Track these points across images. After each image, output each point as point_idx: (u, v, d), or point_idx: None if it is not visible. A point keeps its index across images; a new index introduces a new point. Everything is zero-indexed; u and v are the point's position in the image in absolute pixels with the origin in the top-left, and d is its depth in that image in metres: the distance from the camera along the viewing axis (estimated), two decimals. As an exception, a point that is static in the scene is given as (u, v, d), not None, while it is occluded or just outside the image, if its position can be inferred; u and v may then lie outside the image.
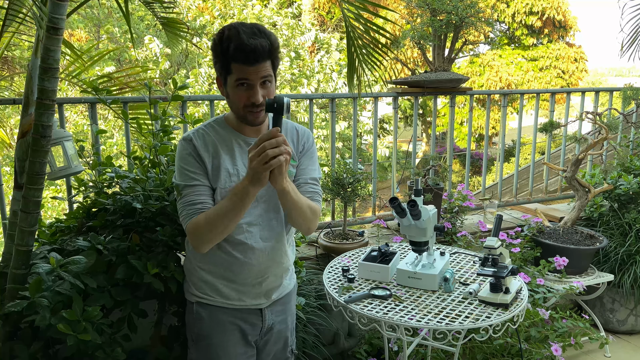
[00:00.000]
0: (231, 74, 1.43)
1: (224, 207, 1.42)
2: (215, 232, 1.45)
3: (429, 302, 1.84)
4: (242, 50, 1.38)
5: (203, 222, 1.45)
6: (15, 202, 1.88)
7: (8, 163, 6.61)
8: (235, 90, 1.45)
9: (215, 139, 1.54)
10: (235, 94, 1.46)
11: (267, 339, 1.69)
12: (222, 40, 1.41)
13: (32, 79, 1.87)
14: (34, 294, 1.58)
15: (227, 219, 1.43)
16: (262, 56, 1.41)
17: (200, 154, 1.51)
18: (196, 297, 1.62)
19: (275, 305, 1.68)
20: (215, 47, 1.44)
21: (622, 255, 3.15)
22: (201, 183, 1.50)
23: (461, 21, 3.20)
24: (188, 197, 1.49)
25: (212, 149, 1.52)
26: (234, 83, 1.44)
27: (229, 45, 1.39)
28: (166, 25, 2.56)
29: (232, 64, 1.41)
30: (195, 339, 1.63)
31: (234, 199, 1.40)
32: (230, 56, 1.40)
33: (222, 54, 1.42)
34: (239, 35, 1.39)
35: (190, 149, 1.51)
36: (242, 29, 1.40)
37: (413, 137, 3.42)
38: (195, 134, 1.54)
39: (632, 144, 3.73)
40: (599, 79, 26.40)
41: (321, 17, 12.02)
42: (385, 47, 2.36)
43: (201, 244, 1.49)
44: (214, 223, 1.43)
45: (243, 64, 1.40)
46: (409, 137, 11.80)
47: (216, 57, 1.45)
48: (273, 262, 1.62)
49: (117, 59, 9.25)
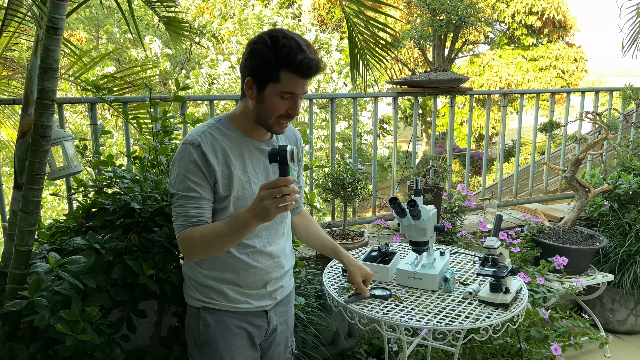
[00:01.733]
0: (278, 82, 1.38)
1: (222, 231, 1.39)
2: (210, 251, 1.44)
3: (429, 302, 1.84)
4: (307, 64, 1.36)
5: (198, 238, 1.42)
6: (15, 202, 1.88)
7: (8, 163, 6.62)
8: (275, 100, 1.40)
9: (224, 144, 1.47)
10: (273, 103, 1.41)
11: (272, 341, 1.69)
12: (276, 46, 1.35)
13: (32, 79, 1.87)
14: (33, 294, 1.57)
15: (222, 243, 1.40)
16: (316, 72, 1.39)
17: (209, 161, 1.43)
18: (201, 302, 1.58)
19: (278, 306, 1.68)
20: (264, 50, 1.37)
21: (622, 255, 3.15)
22: (200, 195, 1.44)
23: (461, 21, 3.20)
24: (185, 207, 1.44)
25: (222, 155, 1.46)
26: (277, 92, 1.39)
27: (288, 54, 1.34)
28: (168, 24, 2.55)
29: (284, 72, 1.37)
30: (200, 345, 1.60)
31: (233, 227, 1.36)
32: (287, 65, 1.36)
33: (275, 60, 1.36)
34: (300, 47, 1.36)
35: (197, 156, 1.43)
36: (301, 41, 1.37)
37: (413, 137, 3.42)
38: (202, 138, 1.45)
39: (632, 144, 3.73)
40: (599, 79, 26.38)
41: (321, 17, 12.02)
42: (388, 43, 2.36)
43: (192, 257, 1.47)
44: (209, 243, 1.41)
45: (299, 76, 1.37)
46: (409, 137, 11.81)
47: (262, 62, 1.37)
48: (278, 265, 1.62)
49: (117, 59, 9.25)
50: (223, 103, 7.00)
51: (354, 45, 2.29)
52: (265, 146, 1.54)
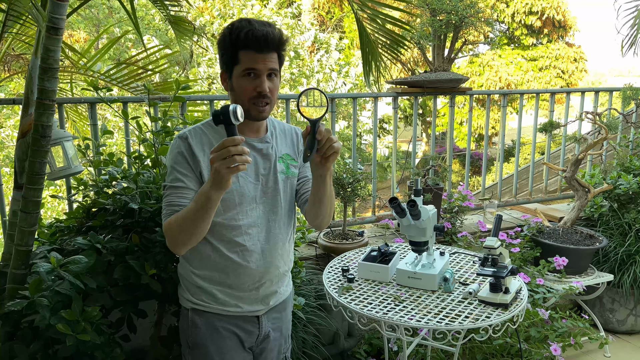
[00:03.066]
0: (238, 64, 1.42)
1: (190, 210, 1.39)
2: (186, 235, 1.42)
3: (429, 302, 1.84)
4: (254, 36, 1.38)
5: (174, 223, 1.42)
6: (15, 202, 1.88)
7: (8, 163, 6.62)
8: (241, 81, 1.43)
9: (213, 138, 1.50)
10: (240, 86, 1.44)
11: (264, 347, 1.65)
12: (231, 31, 1.41)
13: (32, 79, 1.87)
14: (33, 294, 1.58)
15: (192, 222, 1.39)
16: (272, 44, 1.41)
17: (194, 153, 1.47)
18: (191, 304, 1.57)
19: (271, 313, 1.64)
20: (223, 38, 1.43)
21: (622, 255, 3.15)
22: (185, 185, 1.46)
23: (461, 21, 3.20)
24: (170, 197, 1.46)
25: (209, 149, 1.48)
26: (240, 73, 1.42)
27: (239, 33, 1.39)
28: (174, 23, 2.55)
29: (241, 52, 1.41)
30: (191, 346, 1.59)
31: (198, 202, 1.35)
32: (240, 44, 1.40)
33: (230, 43, 1.41)
34: (249, 23, 1.40)
35: (183, 148, 1.47)
36: (253, 20, 1.42)
37: (413, 137, 3.42)
38: (191, 132, 1.50)
39: (632, 144, 3.73)
40: (598, 79, 26.39)
41: (321, 17, 12.03)
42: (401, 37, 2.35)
43: (175, 246, 1.45)
44: (181, 224, 1.40)
45: (253, 50, 1.39)
46: (408, 137, 11.80)
47: (223, 49, 1.44)
48: (271, 266, 1.57)
49: (117, 60, 9.25)
50: (223, 103, 6.99)
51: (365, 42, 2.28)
52: (258, 143, 1.55)
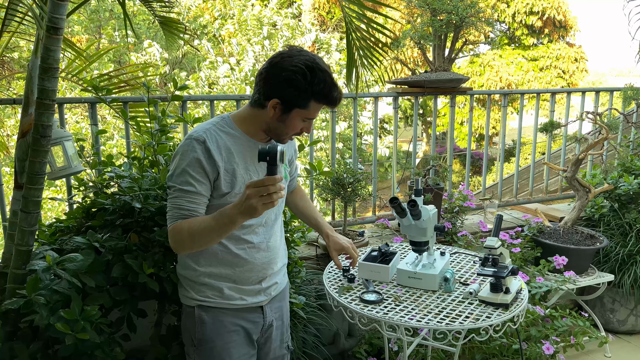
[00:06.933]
0: (306, 109, 1.46)
1: (209, 225, 1.40)
2: (196, 244, 1.46)
3: (429, 302, 1.83)
4: (333, 97, 1.46)
5: (186, 231, 1.43)
6: (15, 202, 1.88)
7: (8, 163, 6.62)
8: (297, 122, 1.49)
9: (228, 142, 1.50)
10: (294, 124, 1.49)
11: (268, 336, 1.71)
12: (313, 78, 1.42)
13: (32, 79, 1.87)
14: (30, 292, 1.57)
15: (209, 237, 1.42)
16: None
17: (212, 157, 1.46)
18: (196, 301, 1.58)
19: (273, 302, 1.71)
20: (302, 81, 1.42)
21: (623, 255, 3.14)
22: (196, 190, 1.46)
23: (461, 21, 3.20)
24: (179, 200, 1.46)
25: (226, 153, 1.49)
26: (301, 117, 1.48)
27: (322, 87, 1.43)
28: (164, 24, 2.56)
29: (315, 103, 1.46)
30: (197, 344, 1.60)
31: (220, 222, 1.38)
32: (318, 96, 1.44)
33: (310, 92, 1.43)
34: (333, 82, 1.46)
35: (200, 151, 1.45)
36: (329, 71, 1.46)
37: (413, 137, 3.41)
38: (208, 134, 1.48)
39: (633, 144, 3.73)
40: (599, 79, 26.34)
41: (321, 17, 12.02)
42: (385, 45, 2.36)
43: (181, 250, 1.50)
44: (195, 236, 1.42)
45: (325, 105, 1.48)
46: (409, 137, 11.80)
47: (297, 91, 1.43)
48: (273, 261, 1.66)
49: (117, 61, 9.26)
50: (223, 104, 6.99)
51: (353, 51, 2.29)
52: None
